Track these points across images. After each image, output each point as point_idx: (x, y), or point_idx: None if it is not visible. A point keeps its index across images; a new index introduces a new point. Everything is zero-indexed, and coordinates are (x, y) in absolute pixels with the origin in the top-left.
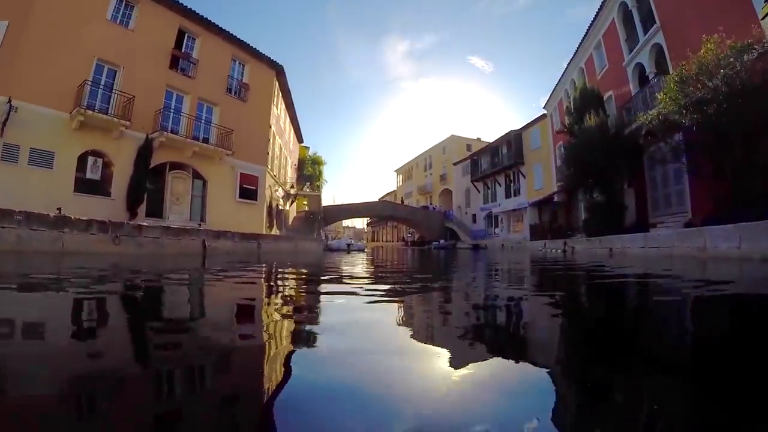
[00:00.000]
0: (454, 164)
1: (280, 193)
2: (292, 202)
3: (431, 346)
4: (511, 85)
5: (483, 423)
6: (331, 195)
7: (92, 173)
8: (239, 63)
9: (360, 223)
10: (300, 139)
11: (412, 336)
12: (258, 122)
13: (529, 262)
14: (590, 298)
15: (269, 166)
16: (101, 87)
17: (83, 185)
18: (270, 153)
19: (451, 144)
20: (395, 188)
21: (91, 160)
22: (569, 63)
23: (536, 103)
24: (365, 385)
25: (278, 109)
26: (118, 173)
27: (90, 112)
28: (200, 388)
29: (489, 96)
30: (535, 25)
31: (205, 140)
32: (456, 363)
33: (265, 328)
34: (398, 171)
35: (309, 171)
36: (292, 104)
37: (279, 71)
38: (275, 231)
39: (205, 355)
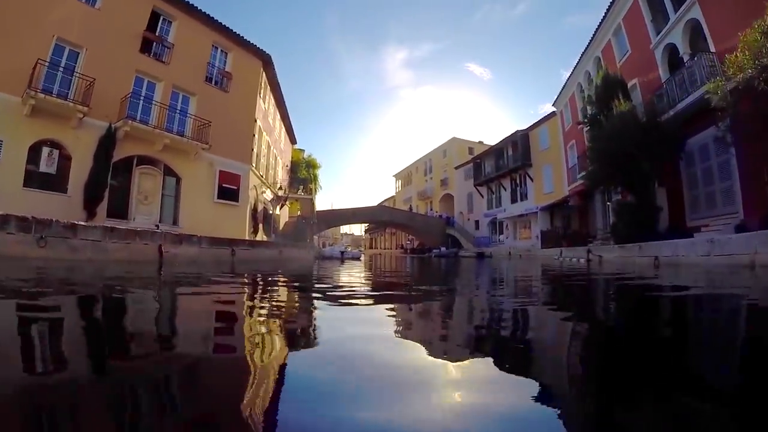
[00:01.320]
0: (456, 168)
1: (268, 195)
2: (283, 205)
3: None
4: (509, 93)
5: None
6: (329, 201)
7: (47, 166)
8: (221, 51)
9: (358, 230)
10: (293, 140)
11: None
12: (242, 115)
13: (570, 280)
14: None
15: (254, 165)
16: (60, 69)
17: (35, 179)
18: (256, 150)
19: (452, 147)
20: (394, 194)
21: (45, 151)
22: (582, 54)
23: (534, 110)
24: None
25: (266, 104)
26: (77, 167)
27: (42, 96)
28: None
29: (487, 103)
30: (532, 34)
31: (180, 133)
32: None
33: None
34: (397, 176)
35: (303, 174)
36: (283, 101)
37: (266, 61)
38: (261, 236)
39: None
